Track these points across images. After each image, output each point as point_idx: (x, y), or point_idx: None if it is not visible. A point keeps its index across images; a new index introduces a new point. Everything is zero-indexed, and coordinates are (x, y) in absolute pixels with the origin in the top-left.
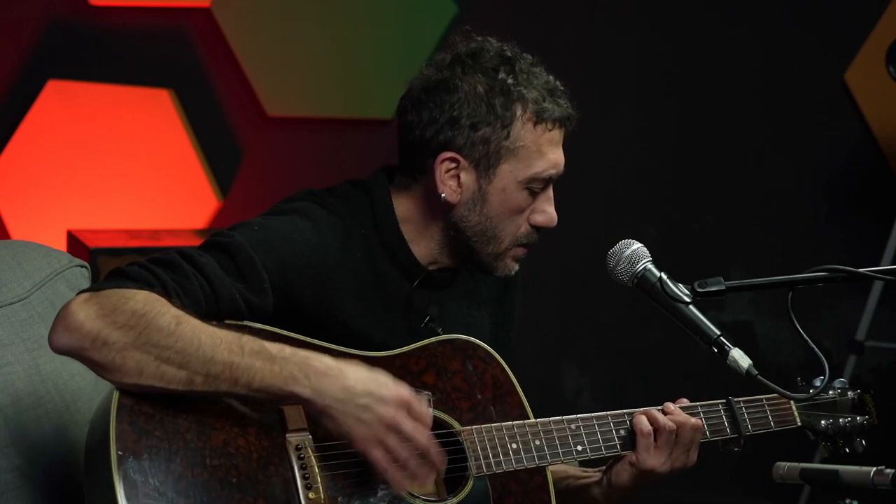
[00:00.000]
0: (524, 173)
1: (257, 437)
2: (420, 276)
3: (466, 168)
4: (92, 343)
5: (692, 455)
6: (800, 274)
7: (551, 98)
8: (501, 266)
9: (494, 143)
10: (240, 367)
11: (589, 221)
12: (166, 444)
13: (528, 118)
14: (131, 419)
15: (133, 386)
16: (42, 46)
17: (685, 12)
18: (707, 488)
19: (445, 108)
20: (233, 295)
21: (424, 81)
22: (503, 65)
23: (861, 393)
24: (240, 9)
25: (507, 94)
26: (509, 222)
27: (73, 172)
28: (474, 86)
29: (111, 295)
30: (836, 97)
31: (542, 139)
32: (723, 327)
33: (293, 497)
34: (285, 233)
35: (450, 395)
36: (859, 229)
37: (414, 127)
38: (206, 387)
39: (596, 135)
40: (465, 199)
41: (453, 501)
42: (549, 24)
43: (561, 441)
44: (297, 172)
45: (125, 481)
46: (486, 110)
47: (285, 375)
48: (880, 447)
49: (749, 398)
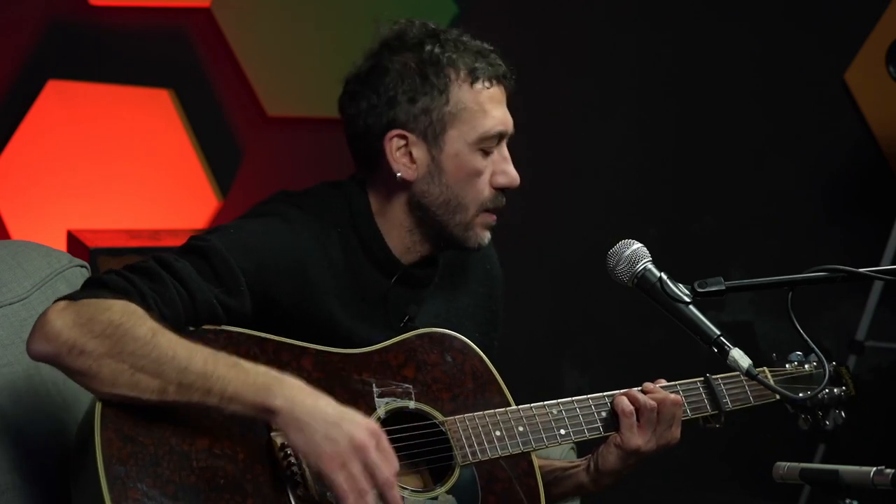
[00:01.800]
0: (472, 134)
1: (242, 438)
2: (398, 272)
3: (415, 142)
4: (69, 351)
5: (675, 431)
6: (800, 274)
7: (483, 59)
8: (472, 236)
9: (436, 112)
10: (213, 377)
11: (589, 221)
12: (152, 449)
13: (464, 80)
14: (116, 426)
15: (108, 394)
16: (42, 46)
17: (685, 12)
18: (707, 488)
19: (381, 91)
20: (210, 300)
21: (357, 73)
22: (428, 38)
23: (837, 365)
24: (240, 9)
25: (438, 63)
26: (470, 188)
27: (73, 172)
28: (404, 63)
29: (89, 304)
30: (836, 97)
31: (482, 97)
32: (723, 327)
33: (283, 495)
34: (261, 234)
35: (430, 388)
36: (859, 229)
37: (356, 118)
38: (179, 396)
39: (596, 135)
40: (422, 174)
41: (441, 490)
42: (549, 24)
43: (544, 426)
44: (297, 172)
45: (113, 488)
46: (420, 82)
47: (259, 385)
48: (880, 447)
49: (726, 375)
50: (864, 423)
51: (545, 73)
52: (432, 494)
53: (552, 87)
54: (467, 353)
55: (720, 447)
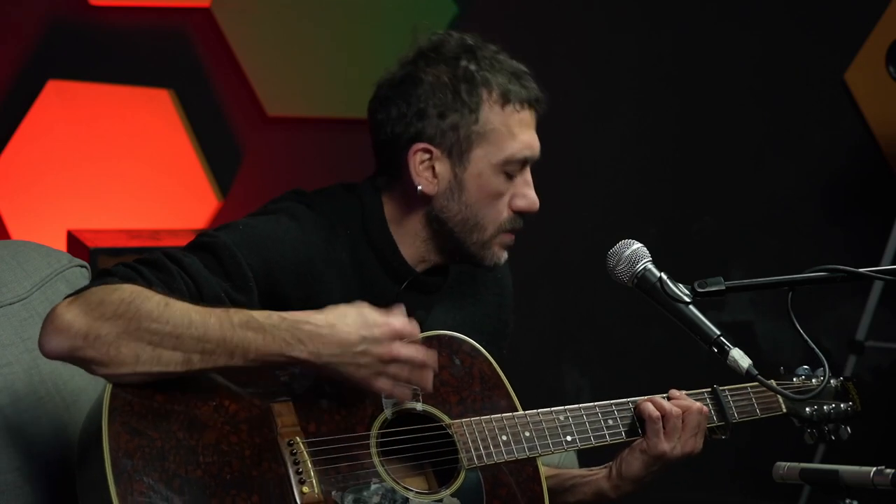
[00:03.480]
0: (498, 156)
1: (249, 434)
2: (408, 277)
3: (440, 157)
4: (84, 339)
5: (699, 440)
6: (800, 274)
7: (517, 80)
8: (489, 255)
9: (464, 129)
10: (233, 341)
11: (589, 221)
12: (159, 443)
13: (495, 101)
14: (123, 419)
15: (131, 375)
16: (42, 46)
17: (685, 12)
18: (707, 488)
19: (412, 102)
20: (218, 294)
21: (390, 79)
22: (465, 53)
23: (844, 380)
24: (240, 9)
25: (472, 80)
26: (490, 208)
27: (73, 172)
28: (438, 76)
29: (96, 291)
30: (836, 97)
31: (512, 120)
32: (723, 327)
33: (288, 492)
34: (270, 232)
35: (438, 390)
36: (859, 229)
37: (384, 125)
38: (204, 364)
39: (596, 134)
40: (443, 189)
41: (446, 493)
42: (549, 24)
43: (550, 432)
44: (297, 172)
45: (119, 481)
46: (451, 98)
47: (279, 342)
48: (880, 447)
49: (734, 386)
50: (864, 423)
51: (545, 73)
52: (437, 497)
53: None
54: (476, 357)
55: (720, 447)
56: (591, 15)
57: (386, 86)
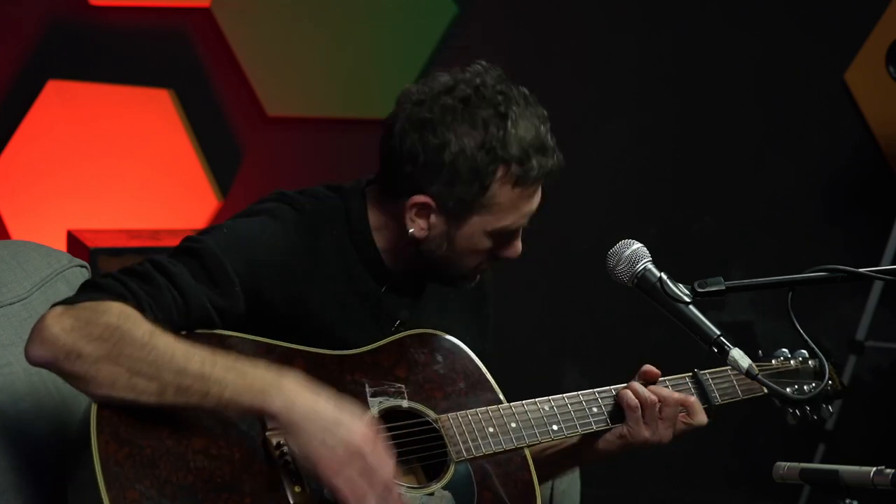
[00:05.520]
0: (493, 225)
1: (238, 437)
2: (388, 281)
3: (437, 212)
4: (66, 356)
5: (672, 430)
6: (800, 274)
7: (537, 155)
8: (466, 282)
9: (469, 199)
10: (211, 379)
11: (589, 221)
12: (149, 451)
13: (508, 180)
14: (112, 428)
15: (106, 397)
16: (42, 46)
17: (685, 12)
18: (707, 488)
19: (428, 151)
20: (203, 304)
21: (414, 111)
22: (494, 118)
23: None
24: (240, 9)
25: (492, 153)
26: (472, 259)
27: (73, 172)
28: (461, 137)
29: (86, 308)
30: (836, 97)
31: (520, 198)
32: (723, 327)
33: (280, 493)
34: (253, 234)
35: (423, 387)
36: (859, 229)
37: (394, 153)
38: (177, 399)
39: (596, 134)
40: (432, 237)
41: (437, 486)
42: (549, 24)
43: (536, 422)
44: (297, 172)
45: (111, 489)
46: (466, 172)
47: (256, 389)
48: (880, 447)
49: (714, 369)
50: (864, 423)
51: (545, 73)
52: (428, 490)
53: (552, 87)
54: (457, 353)
55: (720, 447)
56: (591, 15)
57: (406, 118)
